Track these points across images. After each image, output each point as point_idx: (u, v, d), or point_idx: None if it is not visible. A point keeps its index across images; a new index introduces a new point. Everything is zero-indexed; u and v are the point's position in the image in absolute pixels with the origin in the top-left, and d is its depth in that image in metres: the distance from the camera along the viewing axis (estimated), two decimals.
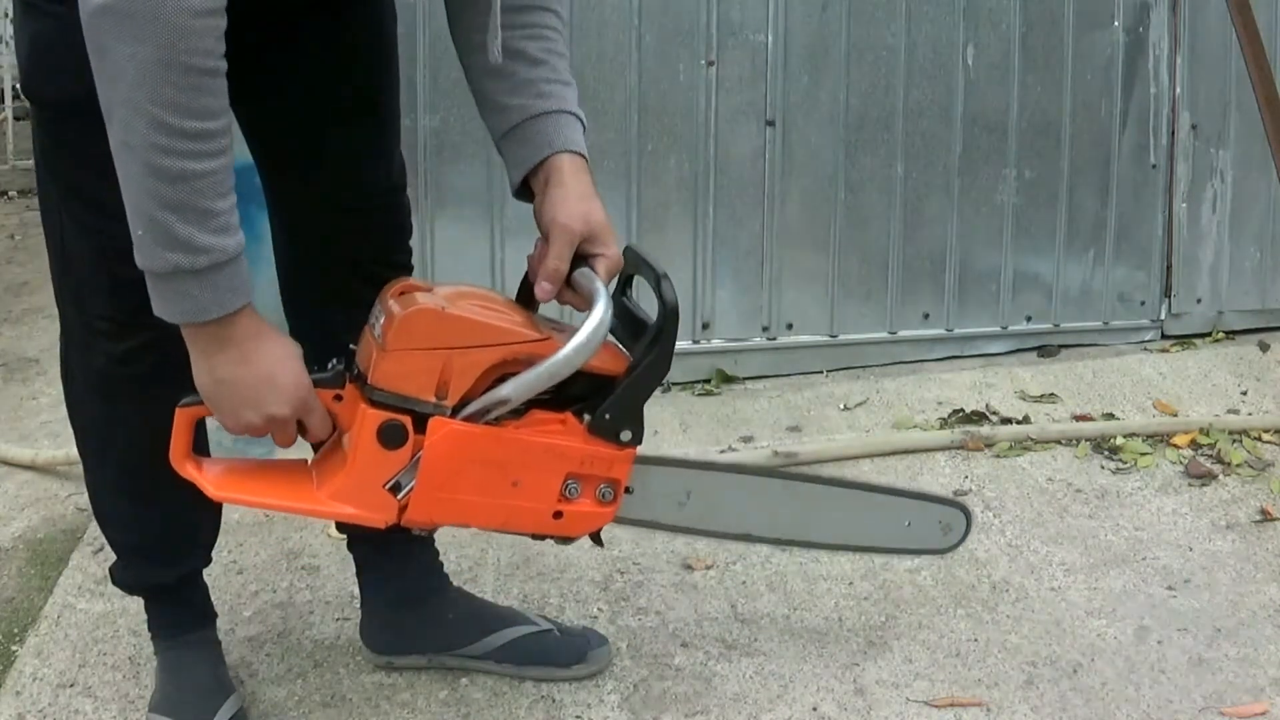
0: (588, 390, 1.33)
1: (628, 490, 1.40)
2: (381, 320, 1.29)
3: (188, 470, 1.33)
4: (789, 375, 2.90)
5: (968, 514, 1.70)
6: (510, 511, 1.34)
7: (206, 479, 1.33)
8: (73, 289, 1.43)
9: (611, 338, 1.34)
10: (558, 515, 1.35)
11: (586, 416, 1.33)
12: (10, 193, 5.72)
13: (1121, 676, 1.73)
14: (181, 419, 1.31)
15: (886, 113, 2.89)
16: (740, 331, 2.87)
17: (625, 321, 1.38)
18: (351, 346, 1.34)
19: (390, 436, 1.27)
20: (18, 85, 7.05)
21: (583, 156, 1.38)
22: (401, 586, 1.70)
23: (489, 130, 1.42)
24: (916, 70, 2.89)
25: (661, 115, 2.74)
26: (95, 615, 1.87)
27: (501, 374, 1.29)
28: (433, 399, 1.27)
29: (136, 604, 1.88)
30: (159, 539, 1.55)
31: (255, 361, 1.22)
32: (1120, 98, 3.05)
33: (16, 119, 6.44)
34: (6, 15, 6.83)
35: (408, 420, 1.28)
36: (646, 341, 1.32)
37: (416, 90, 2.57)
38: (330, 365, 1.31)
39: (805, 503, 1.61)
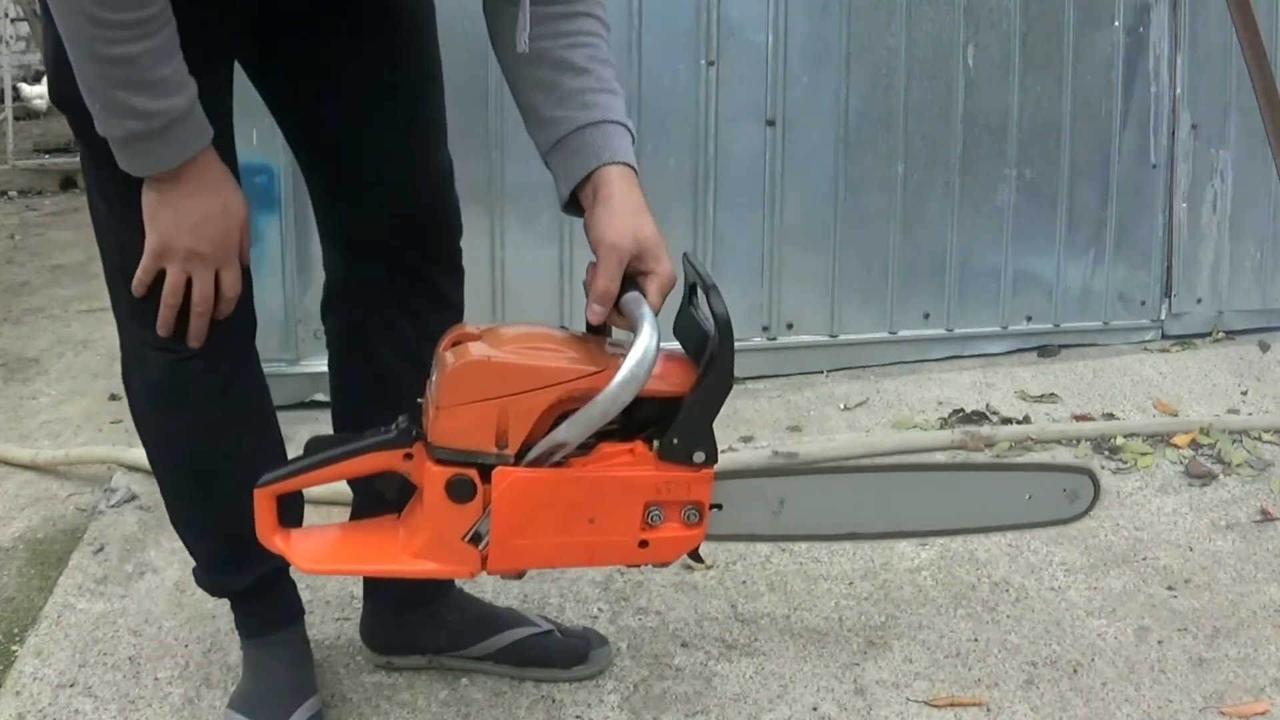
0: (658, 413, 1.28)
1: (716, 507, 1.35)
2: (435, 376, 1.28)
3: (275, 545, 1.34)
4: (789, 375, 2.91)
5: (1095, 479, 1.56)
6: (592, 548, 1.32)
7: (295, 553, 1.34)
8: (125, 302, 1.40)
9: (681, 353, 1.31)
10: (644, 544, 1.31)
11: (656, 442, 1.28)
12: (10, 193, 5.71)
13: (1121, 676, 1.73)
14: (261, 498, 1.32)
15: (886, 113, 2.89)
16: (740, 331, 2.82)
17: (691, 333, 1.34)
18: (419, 400, 1.31)
19: (458, 491, 1.26)
20: (18, 85, 7.07)
21: (631, 168, 1.34)
22: (403, 586, 1.69)
23: (536, 145, 1.38)
24: (916, 70, 2.89)
25: (661, 115, 2.74)
26: (95, 615, 1.87)
27: (563, 411, 1.26)
28: (494, 449, 1.25)
29: (136, 604, 1.89)
30: (225, 546, 1.53)
31: (200, 196, 1.28)
32: (1120, 98, 3.05)
33: (16, 119, 6.45)
34: (6, 15, 6.84)
35: (474, 473, 1.26)
36: (705, 361, 1.27)
37: None
38: (395, 424, 1.30)
39: (907, 492, 1.52)
